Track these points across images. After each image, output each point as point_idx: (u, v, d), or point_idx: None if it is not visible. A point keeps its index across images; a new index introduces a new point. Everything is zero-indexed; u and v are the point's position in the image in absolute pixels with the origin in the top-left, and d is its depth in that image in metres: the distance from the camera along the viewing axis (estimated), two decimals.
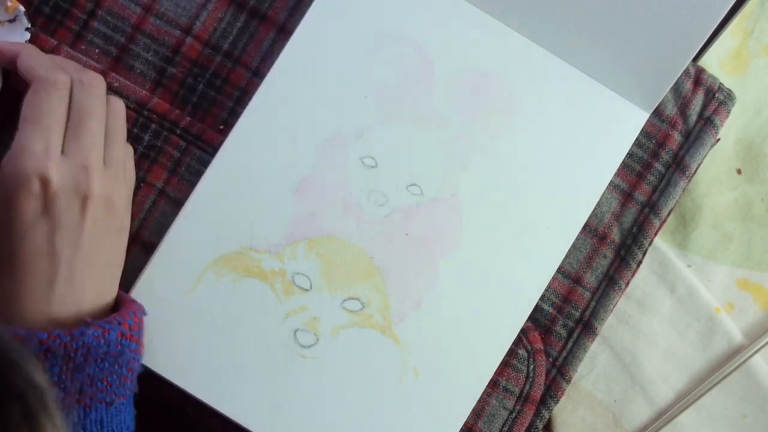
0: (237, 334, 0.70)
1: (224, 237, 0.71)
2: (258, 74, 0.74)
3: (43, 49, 0.71)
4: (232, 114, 0.73)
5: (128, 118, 0.71)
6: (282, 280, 0.71)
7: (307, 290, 0.71)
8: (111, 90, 0.71)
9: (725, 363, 0.77)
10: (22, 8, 0.69)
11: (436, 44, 0.73)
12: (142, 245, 0.71)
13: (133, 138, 0.72)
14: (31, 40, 0.71)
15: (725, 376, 0.76)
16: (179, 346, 0.70)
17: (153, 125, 0.72)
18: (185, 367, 0.70)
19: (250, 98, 0.72)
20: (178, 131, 0.72)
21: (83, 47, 0.73)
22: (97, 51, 0.73)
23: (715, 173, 0.79)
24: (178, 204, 0.71)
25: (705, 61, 0.78)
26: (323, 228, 0.71)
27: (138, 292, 0.70)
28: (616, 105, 0.73)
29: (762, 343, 0.76)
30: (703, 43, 0.70)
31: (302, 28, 0.72)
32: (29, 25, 0.71)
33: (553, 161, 0.73)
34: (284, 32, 0.74)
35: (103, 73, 0.71)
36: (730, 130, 0.79)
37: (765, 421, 0.77)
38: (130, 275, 0.71)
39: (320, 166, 0.72)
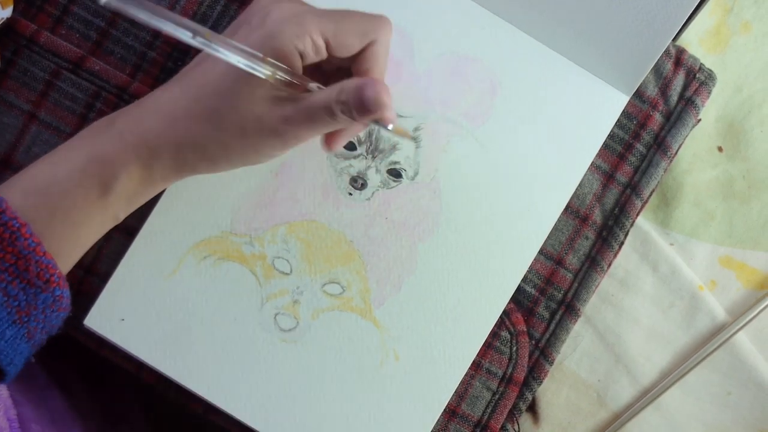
0: (217, 318, 0.68)
1: (204, 221, 0.68)
2: None
3: (22, 35, 0.68)
4: None
5: (109, 102, 0.69)
6: (262, 264, 0.68)
7: (287, 274, 0.68)
8: (91, 74, 0.68)
9: (709, 341, 0.74)
10: None
11: (416, 28, 0.70)
12: (123, 230, 0.68)
13: None
14: (11, 25, 0.68)
15: (709, 354, 0.74)
16: (159, 330, 0.67)
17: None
18: (164, 351, 0.67)
19: None
20: None
21: (63, 32, 0.70)
22: (77, 36, 0.70)
23: (696, 151, 0.76)
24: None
25: (684, 40, 0.76)
26: (303, 212, 0.69)
27: (118, 276, 0.67)
28: (596, 88, 0.71)
29: (745, 321, 0.74)
30: (679, 27, 0.67)
31: None
32: None
33: (534, 144, 0.70)
34: None
35: (83, 58, 0.68)
36: (710, 108, 0.76)
37: (749, 398, 0.75)
38: (111, 260, 0.68)
39: (300, 150, 0.68)
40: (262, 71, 0.54)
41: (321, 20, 0.57)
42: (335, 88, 0.56)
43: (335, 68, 0.63)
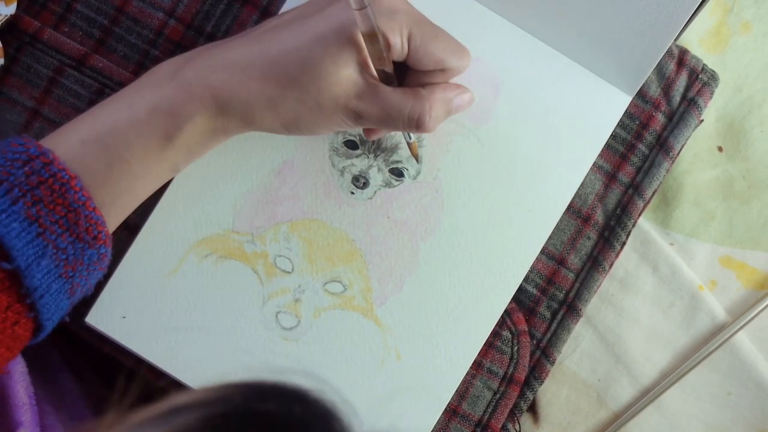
0: (218, 316, 0.68)
1: (206, 219, 0.68)
2: None
3: (25, 32, 0.68)
4: None
5: None
6: (264, 262, 0.68)
7: (289, 272, 0.68)
8: (95, 71, 0.68)
9: (709, 341, 0.74)
10: None
11: None
12: (126, 227, 0.68)
13: None
14: (14, 22, 0.67)
15: (709, 354, 0.73)
16: (160, 328, 0.67)
17: None
18: (166, 349, 0.67)
19: None
20: None
21: (66, 30, 0.69)
22: (80, 33, 0.69)
23: (696, 151, 0.76)
24: (162, 185, 0.67)
25: (684, 40, 0.75)
26: (305, 211, 0.68)
27: (120, 274, 0.67)
28: (598, 88, 0.70)
29: (745, 321, 0.73)
30: (681, 28, 0.67)
31: (285, 10, 0.69)
32: None
33: (536, 144, 0.70)
34: (267, 14, 0.70)
35: (87, 55, 0.68)
36: (710, 108, 0.76)
37: (749, 398, 0.74)
38: (113, 257, 0.66)
39: (302, 148, 0.68)
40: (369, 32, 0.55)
41: (414, 27, 0.58)
42: (407, 100, 0.58)
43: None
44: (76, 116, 0.67)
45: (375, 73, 0.58)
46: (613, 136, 0.71)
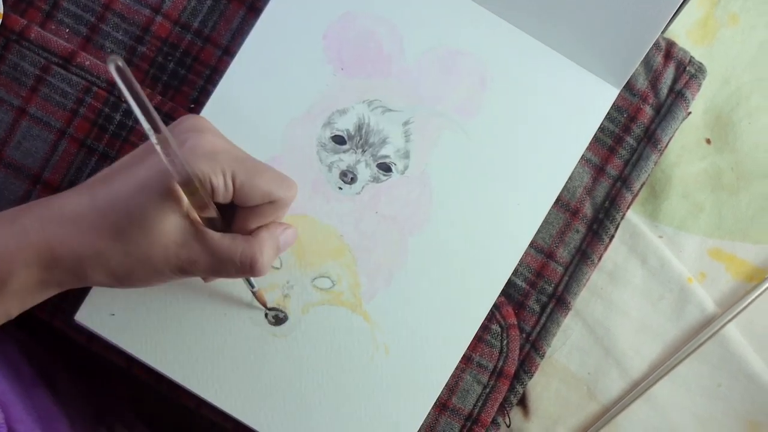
0: (207, 313, 0.67)
1: None
2: (228, 52, 0.70)
3: (12, 30, 0.67)
4: (203, 92, 0.70)
5: (99, 97, 0.68)
6: None
7: (277, 268, 0.68)
8: (81, 69, 0.68)
9: (698, 333, 0.74)
10: None
11: (405, 22, 0.69)
12: None
13: (104, 117, 0.69)
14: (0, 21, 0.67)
15: (699, 346, 0.73)
16: (149, 325, 0.67)
17: (124, 104, 0.69)
18: (155, 346, 0.67)
19: (220, 76, 0.68)
20: None
21: (53, 27, 0.69)
22: (67, 30, 0.69)
23: (684, 143, 0.76)
24: None
25: (672, 32, 0.75)
26: (293, 206, 0.67)
27: None
28: (586, 81, 0.70)
29: (735, 312, 0.73)
30: (668, 21, 0.67)
31: (272, 6, 0.69)
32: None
33: (524, 137, 0.70)
34: (254, 10, 0.70)
35: (74, 53, 0.68)
36: (698, 100, 0.76)
37: (739, 390, 0.74)
38: None
39: (290, 144, 0.68)
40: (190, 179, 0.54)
41: (236, 165, 0.57)
42: (237, 245, 0.58)
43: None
44: (63, 114, 0.67)
45: (200, 220, 0.58)
46: (601, 128, 0.71)
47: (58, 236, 0.56)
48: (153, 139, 0.50)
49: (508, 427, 0.73)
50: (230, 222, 0.61)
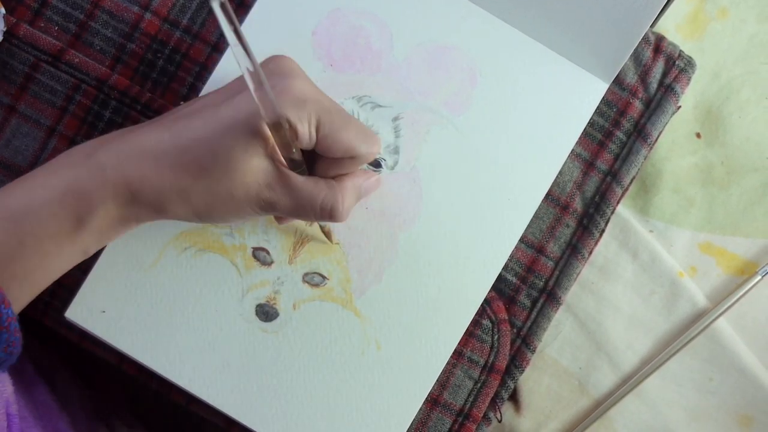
0: (198, 309, 0.67)
1: None
2: (217, 49, 0.70)
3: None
4: (192, 89, 0.69)
5: (88, 95, 0.68)
6: (243, 254, 0.67)
7: (268, 265, 0.68)
8: (71, 67, 0.67)
9: (690, 327, 0.73)
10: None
11: (394, 17, 0.69)
12: None
13: (93, 115, 0.68)
14: None
15: (690, 340, 0.73)
16: (140, 321, 0.66)
17: (113, 102, 0.68)
18: (145, 343, 0.66)
19: (209, 73, 0.68)
20: (139, 107, 0.68)
21: (42, 25, 0.68)
22: (56, 28, 0.69)
23: (674, 137, 0.75)
24: None
25: (661, 26, 0.75)
26: None
27: (99, 268, 0.66)
28: (575, 76, 0.70)
29: (726, 306, 0.73)
30: (656, 15, 0.67)
31: (261, 2, 0.68)
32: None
33: (514, 132, 0.69)
34: (243, 6, 0.70)
35: (63, 50, 0.67)
36: (688, 94, 0.76)
37: (730, 384, 0.74)
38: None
39: None
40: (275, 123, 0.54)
41: (323, 115, 0.57)
42: (319, 191, 0.59)
43: None
44: (52, 112, 0.66)
45: (284, 161, 0.58)
46: (591, 123, 0.71)
47: (138, 172, 0.56)
48: (247, 75, 0.50)
49: (500, 422, 0.72)
50: (312, 167, 0.61)
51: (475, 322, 0.70)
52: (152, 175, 0.56)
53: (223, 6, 0.45)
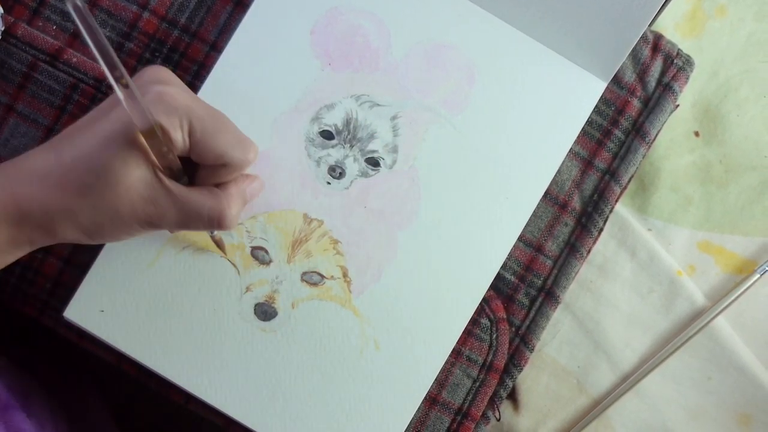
0: (196, 309, 0.67)
1: None
2: (215, 48, 0.69)
3: None
4: (190, 88, 0.68)
5: (86, 94, 0.67)
6: (241, 254, 0.67)
7: (266, 264, 0.67)
8: (69, 66, 0.67)
9: (688, 326, 0.73)
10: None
11: (393, 16, 0.69)
12: None
13: None
14: None
15: (688, 339, 0.73)
16: (138, 321, 0.66)
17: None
18: (144, 342, 0.66)
19: (208, 72, 0.68)
20: None
21: (40, 24, 0.68)
22: (54, 27, 0.68)
23: (672, 136, 0.75)
24: None
25: (659, 24, 0.75)
26: (282, 202, 0.67)
27: (98, 267, 0.66)
28: (573, 75, 0.70)
29: (724, 305, 0.73)
30: (655, 13, 0.67)
31: (259, 1, 0.68)
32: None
33: (512, 131, 0.69)
34: (241, 5, 0.69)
35: (61, 50, 0.67)
36: (687, 92, 0.75)
37: (729, 382, 0.74)
38: (91, 251, 0.67)
39: (278, 139, 0.68)
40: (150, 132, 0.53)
41: (194, 120, 0.56)
42: (204, 200, 0.58)
43: None
44: (50, 111, 0.66)
45: (164, 171, 0.57)
46: (589, 122, 0.71)
47: (26, 193, 0.56)
48: (115, 85, 0.49)
49: (498, 420, 0.72)
50: (193, 178, 0.60)
51: (474, 321, 0.69)
52: (40, 195, 0.56)
53: (77, 10, 0.44)
